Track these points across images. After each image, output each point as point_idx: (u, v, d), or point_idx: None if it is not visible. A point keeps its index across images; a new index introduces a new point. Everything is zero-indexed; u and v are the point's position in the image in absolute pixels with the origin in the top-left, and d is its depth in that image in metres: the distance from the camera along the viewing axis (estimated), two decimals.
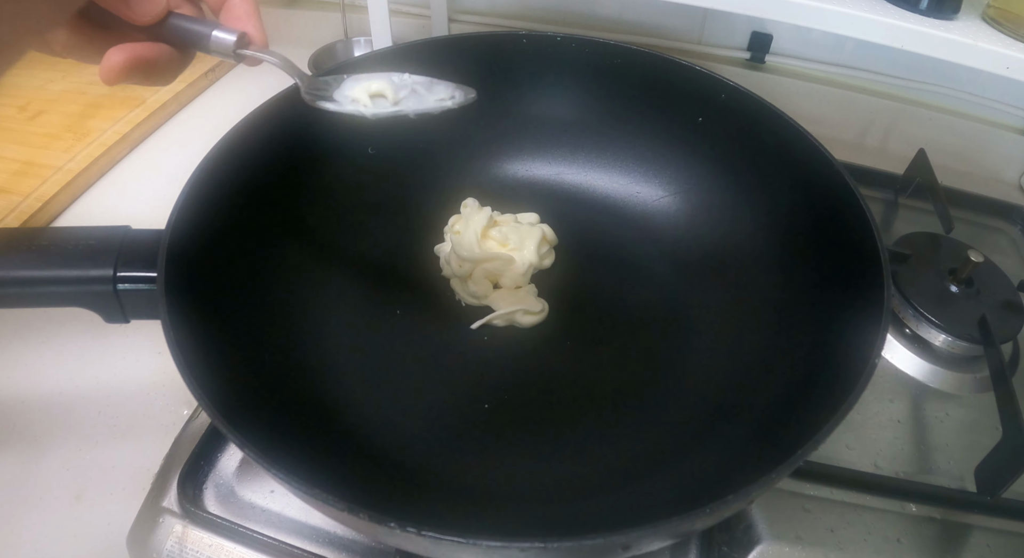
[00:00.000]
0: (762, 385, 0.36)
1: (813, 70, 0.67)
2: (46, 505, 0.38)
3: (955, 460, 0.39)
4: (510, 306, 0.42)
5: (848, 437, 0.40)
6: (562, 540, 0.23)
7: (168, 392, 0.43)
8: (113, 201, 0.56)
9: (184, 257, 0.31)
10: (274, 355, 0.36)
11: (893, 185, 0.56)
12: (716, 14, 0.65)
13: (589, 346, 0.41)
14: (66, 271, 0.32)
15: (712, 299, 0.43)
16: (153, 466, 0.37)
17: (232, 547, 0.34)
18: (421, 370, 0.40)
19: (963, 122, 0.64)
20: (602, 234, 0.47)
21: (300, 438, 0.31)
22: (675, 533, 0.29)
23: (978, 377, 0.43)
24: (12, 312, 0.46)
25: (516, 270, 0.43)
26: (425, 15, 0.73)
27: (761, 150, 0.43)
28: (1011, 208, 0.57)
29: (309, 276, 0.41)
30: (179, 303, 0.29)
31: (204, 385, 0.26)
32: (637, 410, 0.38)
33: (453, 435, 0.37)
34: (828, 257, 0.37)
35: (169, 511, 0.35)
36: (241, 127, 0.37)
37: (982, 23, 0.53)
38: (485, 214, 0.44)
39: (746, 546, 0.35)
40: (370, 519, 0.23)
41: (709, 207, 0.46)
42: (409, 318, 0.42)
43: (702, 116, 0.45)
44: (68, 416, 0.42)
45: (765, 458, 0.26)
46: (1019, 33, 0.51)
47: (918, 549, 0.35)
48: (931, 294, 0.45)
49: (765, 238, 0.43)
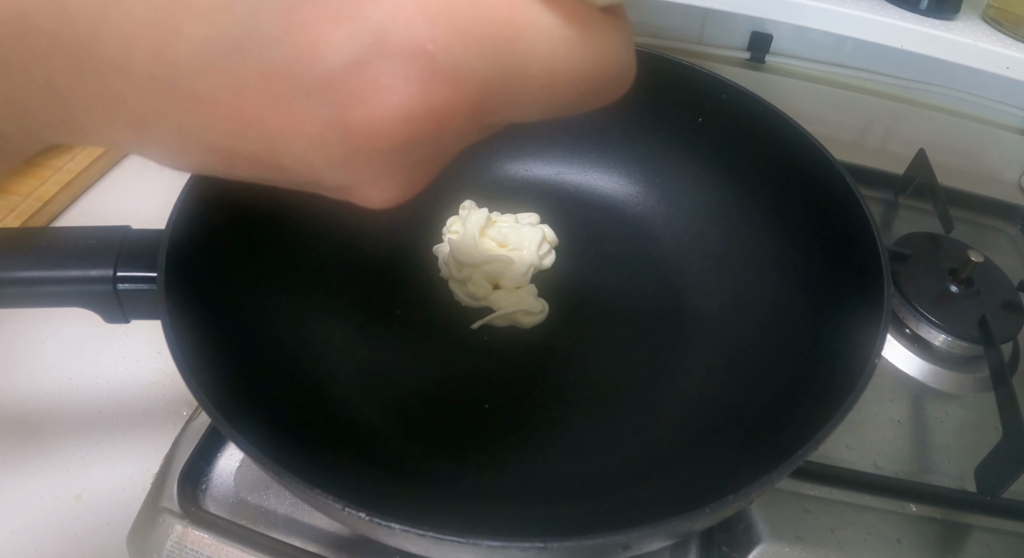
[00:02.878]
0: (762, 385, 0.36)
1: (813, 70, 0.67)
2: (46, 505, 0.38)
3: (955, 460, 0.39)
4: (510, 307, 0.42)
5: (848, 437, 0.40)
6: (562, 540, 0.23)
7: (168, 392, 0.43)
8: (113, 201, 0.56)
9: (184, 257, 0.31)
10: (274, 355, 0.36)
11: (893, 185, 0.56)
12: (716, 14, 0.65)
13: (589, 346, 0.41)
14: (66, 271, 0.32)
15: (712, 299, 0.43)
16: (153, 466, 0.37)
17: (232, 547, 0.34)
18: (421, 370, 0.40)
19: (963, 122, 0.64)
20: (602, 234, 0.47)
21: (300, 438, 0.31)
22: (675, 533, 0.29)
23: (978, 377, 0.43)
24: (12, 312, 0.46)
25: (516, 271, 0.43)
26: None
27: (761, 150, 0.42)
28: (1011, 208, 0.57)
29: (309, 276, 0.41)
30: (179, 303, 0.29)
31: (204, 385, 0.26)
32: (637, 410, 0.38)
33: (453, 435, 0.37)
34: (828, 257, 0.38)
35: (169, 511, 0.35)
36: None
37: (982, 23, 0.53)
38: (483, 215, 0.44)
39: (746, 546, 0.35)
40: (370, 519, 0.23)
41: (709, 207, 0.46)
42: (409, 318, 0.42)
43: (702, 116, 0.45)
44: (68, 416, 0.42)
45: (765, 458, 0.26)
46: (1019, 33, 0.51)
47: (918, 549, 0.35)
48: (931, 294, 0.45)
49: (765, 238, 0.43)
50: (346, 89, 0.13)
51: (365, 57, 0.13)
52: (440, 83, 0.13)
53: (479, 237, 0.43)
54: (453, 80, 0.13)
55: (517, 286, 0.43)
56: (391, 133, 0.13)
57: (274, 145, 0.14)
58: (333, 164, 0.14)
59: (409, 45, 0.13)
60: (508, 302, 0.42)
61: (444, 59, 0.13)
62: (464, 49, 0.13)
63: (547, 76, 0.14)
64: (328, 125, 0.13)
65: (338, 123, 0.13)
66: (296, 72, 0.13)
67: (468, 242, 0.43)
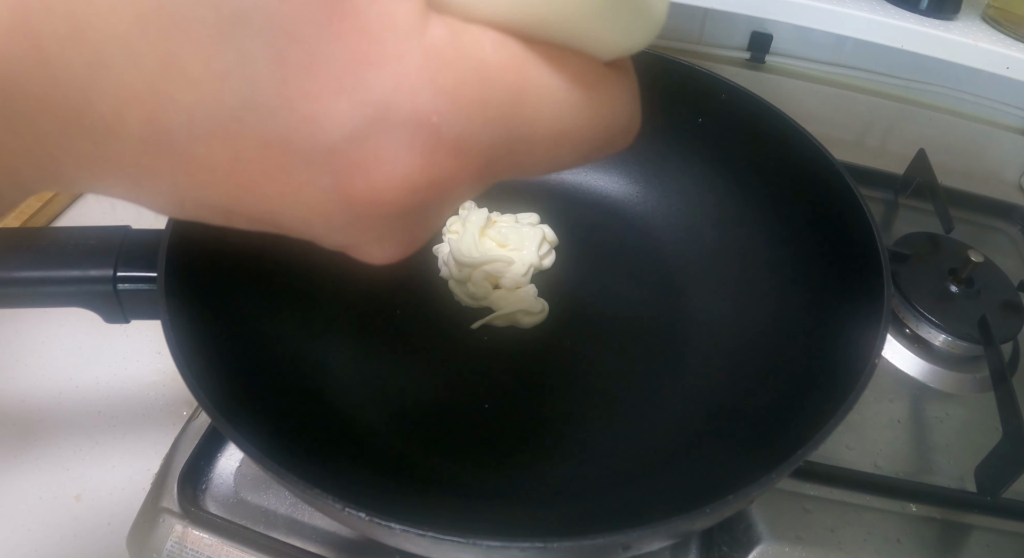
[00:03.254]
0: (762, 385, 0.36)
1: (813, 70, 0.67)
2: (46, 505, 0.38)
3: (955, 460, 0.39)
4: (510, 307, 0.42)
5: (848, 437, 0.40)
6: (562, 540, 0.23)
7: (168, 392, 0.43)
8: (113, 201, 0.56)
9: (184, 257, 0.31)
10: (274, 355, 0.36)
11: (893, 185, 0.56)
12: (716, 14, 0.65)
13: (589, 346, 0.41)
14: (66, 271, 0.32)
15: (712, 299, 0.43)
16: (153, 466, 0.37)
17: (232, 547, 0.34)
18: (421, 370, 0.40)
19: (963, 122, 0.64)
20: (602, 234, 0.47)
21: (300, 438, 0.31)
22: (675, 533, 0.29)
23: (978, 377, 0.43)
24: (12, 312, 0.46)
25: (516, 271, 0.43)
26: None
27: (761, 150, 0.42)
28: (1011, 208, 0.57)
29: (309, 277, 0.41)
30: (179, 303, 0.29)
31: (204, 385, 0.26)
32: (637, 410, 0.38)
33: (453, 435, 0.37)
34: (828, 257, 0.38)
35: (169, 511, 0.35)
36: None
37: (982, 23, 0.53)
38: (482, 215, 0.44)
39: (746, 546, 0.35)
40: (370, 519, 0.23)
41: (708, 207, 0.46)
42: (409, 318, 0.42)
43: (702, 116, 0.45)
44: (68, 416, 0.42)
45: (765, 458, 0.26)
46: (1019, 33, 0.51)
47: (918, 549, 0.35)
48: (931, 294, 0.45)
49: (765, 238, 0.43)
50: (348, 160, 0.13)
51: (367, 129, 0.12)
52: (445, 154, 0.13)
53: (479, 237, 0.43)
54: (458, 150, 0.13)
55: (517, 286, 0.43)
56: (393, 202, 0.13)
57: (273, 208, 0.14)
58: (334, 228, 0.14)
59: (413, 117, 0.12)
60: (508, 302, 0.42)
61: (449, 130, 0.12)
62: (469, 119, 0.12)
63: (553, 138, 0.14)
64: (329, 193, 0.13)
65: (339, 192, 0.13)
66: (296, 142, 0.12)
67: (468, 242, 0.43)
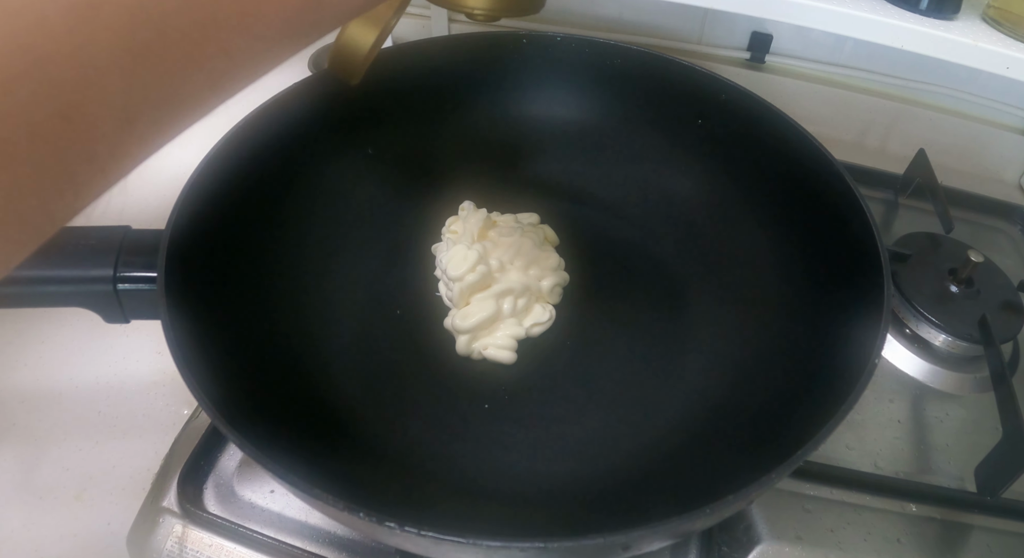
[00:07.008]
0: (762, 385, 0.36)
1: (813, 70, 0.67)
2: (46, 505, 0.38)
3: (955, 460, 0.39)
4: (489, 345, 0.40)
5: (848, 437, 0.40)
6: (562, 540, 0.23)
7: (168, 392, 0.43)
8: (113, 201, 0.56)
9: (184, 257, 0.31)
10: (274, 355, 0.36)
11: (893, 185, 0.56)
12: (716, 14, 0.65)
13: (589, 346, 0.41)
14: (66, 271, 0.32)
15: (712, 299, 0.43)
16: (153, 466, 0.37)
17: (232, 547, 0.34)
18: (421, 370, 0.40)
19: (963, 122, 0.64)
20: (602, 234, 0.47)
21: (300, 438, 0.31)
22: (675, 533, 0.29)
23: (978, 377, 0.43)
24: (12, 312, 0.46)
25: (500, 336, 0.40)
26: (425, 15, 0.73)
27: (761, 150, 0.43)
28: (1011, 208, 0.57)
29: (309, 276, 0.41)
30: (179, 303, 0.29)
31: (204, 385, 0.26)
32: (637, 410, 0.38)
33: (453, 435, 0.37)
34: (828, 257, 0.38)
35: (169, 511, 0.35)
36: (241, 127, 0.37)
37: (982, 23, 0.53)
38: (482, 216, 0.44)
39: (746, 546, 0.35)
40: (370, 519, 0.23)
41: (709, 207, 0.46)
42: (408, 318, 0.42)
43: (702, 116, 0.45)
44: (68, 416, 0.42)
45: (765, 458, 0.26)
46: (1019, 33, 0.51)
47: (918, 549, 0.35)
48: (931, 294, 0.45)
49: (765, 238, 0.43)
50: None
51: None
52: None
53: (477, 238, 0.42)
54: None
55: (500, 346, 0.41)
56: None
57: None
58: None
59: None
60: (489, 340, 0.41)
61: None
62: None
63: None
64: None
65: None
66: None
67: (459, 263, 0.40)
